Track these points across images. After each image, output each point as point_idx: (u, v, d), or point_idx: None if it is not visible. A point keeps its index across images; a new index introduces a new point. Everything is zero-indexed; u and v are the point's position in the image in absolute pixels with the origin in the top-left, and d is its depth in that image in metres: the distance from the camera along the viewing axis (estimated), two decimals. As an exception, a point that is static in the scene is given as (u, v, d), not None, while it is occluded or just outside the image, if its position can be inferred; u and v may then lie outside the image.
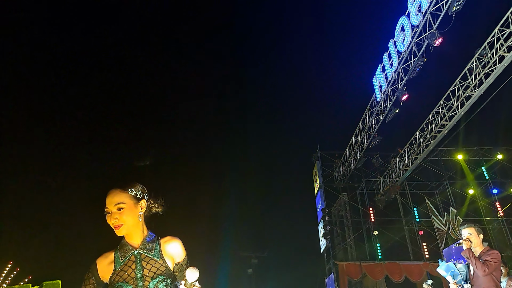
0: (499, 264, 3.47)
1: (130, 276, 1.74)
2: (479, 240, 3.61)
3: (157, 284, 1.73)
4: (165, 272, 1.78)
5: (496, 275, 3.45)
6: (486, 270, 3.40)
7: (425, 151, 11.47)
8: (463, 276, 3.62)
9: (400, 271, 12.69)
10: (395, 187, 13.26)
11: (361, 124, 12.56)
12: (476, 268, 3.43)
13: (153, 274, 1.75)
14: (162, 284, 1.75)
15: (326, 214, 14.07)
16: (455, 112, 9.94)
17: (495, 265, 3.43)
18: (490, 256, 3.48)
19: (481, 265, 3.40)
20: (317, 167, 15.51)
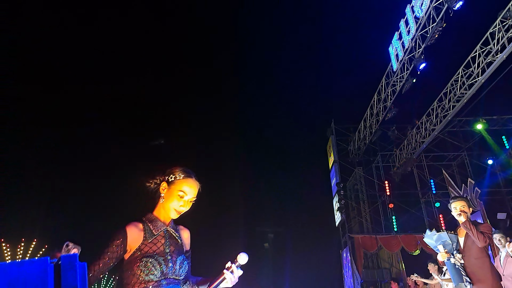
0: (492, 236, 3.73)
1: (159, 249, 1.79)
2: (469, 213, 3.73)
3: (182, 261, 1.83)
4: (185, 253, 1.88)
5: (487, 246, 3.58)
6: (487, 241, 3.49)
7: (443, 121, 11.20)
8: (454, 246, 3.71)
9: (416, 243, 12.70)
10: (412, 159, 13.09)
11: (376, 96, 12.31)
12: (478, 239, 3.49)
13: (178, 252, 1.84)
14: (185, 262, 1.85)
15: (340, 189, 14.06)
16: (475, 80, 9.61)
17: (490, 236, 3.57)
18: (485, 228, 3.58)
19: (482, 237, 3.48)
20: (331, 141, 15.39)
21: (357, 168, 15.50)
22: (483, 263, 3.51)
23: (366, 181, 15.39)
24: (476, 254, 3.56)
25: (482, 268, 3.50)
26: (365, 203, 15.28)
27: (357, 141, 14.71)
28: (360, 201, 15.44)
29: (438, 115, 11.34)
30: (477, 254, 3.55)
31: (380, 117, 12.44)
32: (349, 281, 13.41)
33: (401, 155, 13.78)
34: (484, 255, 3.53)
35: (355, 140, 14.87)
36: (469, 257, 3.58)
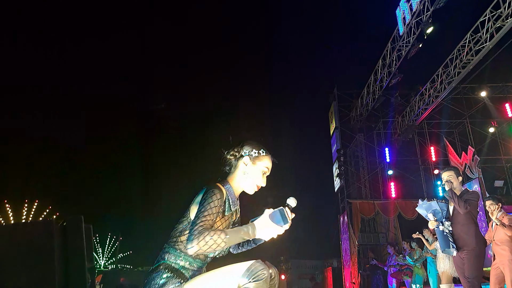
0: (477, 203, 3.77)
1: (227, 227, 1.74)
2: (458, 182, 3.90)
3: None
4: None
5: (474, 213, 3.74)
6: (468, 208, 3.66)
7: (447, 88, 11.07)
8: (443, 214, 3.87)
9: (413, 208, 12.95)
10: (413, 126, 13.06)
11: (381, 61, 12.06)
12: (459, 207, 3.69)
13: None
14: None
15: (341, 155, 14.15)
16: (483, 46, 9.37)
17: (475, 203, 3.72)
18: (470, 195, 3.76)
19: (463, 204, 3.66)
20: (333, 107, 15.29)
21: (358, 135, 15.51)
22: (468, 230, 3.66)
23: (366, 147, 15.45)
24: (462, 221, 3.72)
25: (467, 234, 3.65)
26: (365, 169, 15.44)
27: (359, 108, 14.60)
28: (359, 168, 15.59)
29: (442, 81, 11.17)
30: (463, 221, 3.71)
31: (384, 83, 12.27)
32: (346, 245, 13.85)
33: (403, 122, 13.74)
34: (469, 221, 3.68)
35: (357, 106, 14.76)
36: (456, 224, 3.76)
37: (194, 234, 1.48)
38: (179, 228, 1.67)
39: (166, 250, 1.65)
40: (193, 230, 1.50)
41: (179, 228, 1.66)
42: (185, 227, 1.65)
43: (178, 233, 1.65)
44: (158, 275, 1.58)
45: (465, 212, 3.70)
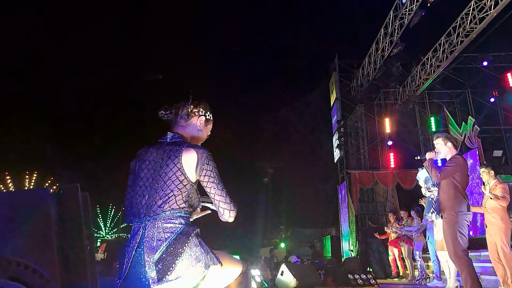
0: (458, 168, 3.69)
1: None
2: (447, 148, 3.86)
3: None
4: None
5: (458, 178, 3.68)
6: (439, 176, 3.67)
7: (449, 57, 10.91)
8: (433, 181, 4.04)
9: (412, 178, 13.10)
10: (414, 96, 12.99)
11: (383, 30, 11.81)
12: (432, 175, 3.75)
13: None
14: None
15: (341, 126, 14.16)
16: (487, 13, 9.15)
17: (451, 169, 3.68)
18: (449, 162, 3.76)
19: (435, 172, 3.68)
20: (334, 78, 15.14)
21: (358, 106, 15.45)
22: (449, 196, 3.69)
23: (366, 118, 15.43)
24: (443, 187, 3.77)
25: (447, 200, 3.70)
26: (364, 140, 15.49)
27: (360, 78, 14.45)
28: (359, 138, 15.64)
29: (445, 51, 11.00)
30: (444, 187, 3.76)
31: (386, 53, 12.08)
32: (344, 214, 14.15)
33: (404, 92, 13.65)
34: (451, 187, 3.69)
35: (358, 77, 14.60)
36: (440, 190, 3.83)
37: (233, 205, 1.73)
38: (181, 195, 1.69)
39: (178, 214, 1.66)
40: (230, 202, 1.73)
41: (179, 190, 1.68)
42: (187, 190, 1.70)
43: (183, 196, 1.69)
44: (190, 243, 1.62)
45: (439, 180, 3.74)
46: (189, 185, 1.71)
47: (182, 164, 1.69)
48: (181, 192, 1.68)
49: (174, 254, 1.56)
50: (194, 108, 1.88)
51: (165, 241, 1.58)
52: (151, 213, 1.64)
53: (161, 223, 1.62)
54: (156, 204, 1.64)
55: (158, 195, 1.66)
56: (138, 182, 1.71)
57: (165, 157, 1.71)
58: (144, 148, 1.82)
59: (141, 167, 1.74)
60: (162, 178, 1.67)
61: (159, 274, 1.53)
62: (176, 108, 1.89)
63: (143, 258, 1.56)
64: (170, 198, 1.66)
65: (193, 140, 1.90)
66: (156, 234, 1.60)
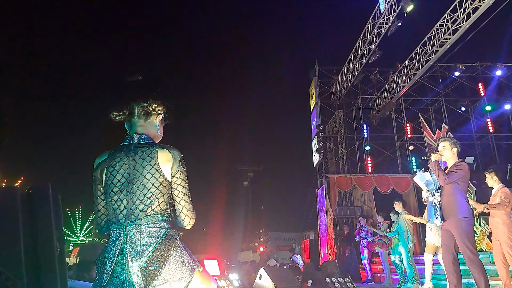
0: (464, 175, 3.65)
1: None
2: (452, 152, 3.79)
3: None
4: None
5: (461, 185, 3.65)
6: (446, 180, 3.62)
7: (424, 66, 11.28)
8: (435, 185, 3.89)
9: (388, 183, 13.42)
10: (391, 103, 13.32)
11: (362, 38, 12.10)
12: (439, 178, 3.68)
13: None
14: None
15: (320, 131, 14.35)
16: (460, 25, 9.53)
17: (457, 175, 3.63)
18: (455, 167, 3.69)
19: (442, 175, 3.63)
20: (314, 83, 15.35)
21: (337, 111, 15.71)
22: (454, 201, 3.63)
23: (345, 123, 15.71)
24: (447, 192, 3.70)
25: (452, 205, 3.64)
26: (343, 145, 15.75)
27: (339, 84, 14.72)
28: (338, 143, 15.89)
29: (420, 59, 11.36)
30: (448, 192, 3.69)
31: (364, 60, 12.37)
32: (322, 217, 14.30)
33: (381, 99, 13.98)
34: (455, 192, 3.64)
35: (337, 83, 14.87)
36: (443, 195, 3.74)
37: (194, 213, 1.73)
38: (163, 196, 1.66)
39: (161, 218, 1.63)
40: (193, 211, 1.72)
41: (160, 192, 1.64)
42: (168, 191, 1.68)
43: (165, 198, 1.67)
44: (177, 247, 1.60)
45: (445, 184, 3.66)
46: (168, 185, 1.67)
47: (159, 165, 1.65)
48: (163, 193, 1.65)
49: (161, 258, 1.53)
50: (154, 107, 1.82)
51: (151, 246, 1.54)
52: (132, 218, 1.58)
53: (144, 228, 1.58)
54: (138, 209, 1.59)
55: (139, 199, 1.61)
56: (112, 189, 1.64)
57: (139, 160, 1.65)
58: (102, 156, 1.74)
59: (111, 174, 1.66)
60: (140, 181, 1.62)
61: (146, 280, 1.49)
62: (132, 107, 1.80)
63: (126, 264, 1.52)
64: (153, 201, 1.62)
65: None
66: (140, 239, 1.56)
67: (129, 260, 1.52)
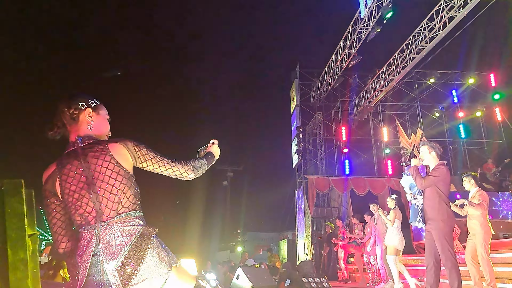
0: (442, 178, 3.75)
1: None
2: (431, 156, 3.91)
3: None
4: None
5: (441, 187, 3.76)
6: (423, 184, 3.73)
7: (402, 72, 11.58)
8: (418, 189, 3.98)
9: (365, 185, 13.71)
10: (369, 107, 13.61)
11: (342, 42, 12.32)
12: (416, 182, 3.79)
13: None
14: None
15: (300, 132, 14.51)
16: (436, 34, 9.85)
17: (434, 178, 3.73)
18: (433, 171, 3.80)
19: (419, 179, 3.74)
20: (295, 85, 15.50)
21: (317, 113, 15.92)
22: (433, 204, 3.73)
23: (324, 126, 15.94)
24: (428, 195, 3.79)
25: (432, 208, 3.73)
26: (322, 146, 15.98)
27: (320, 87, 14.93)
28: (317, 145, 16.12)
29: (398, 65, 11.66)
30: (429, 195, 3.78)
31: (344, 64, 12.59)
32: (300, 218, 14.45)
33: (360, 103, 14.26)
34: (435, 195, 3.72)
35: (317, 85, 15.07)
36: (424, 198, 3.85)
37: (184, 163, 1.75)
38: (130, 190, 1.62)
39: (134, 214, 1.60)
40: (184, 164, 1.74)
41: (125, 186, 1.60)
42: (132, 184, 1.64)
43: (132, 191, 1.63)
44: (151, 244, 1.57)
45: (423, 188, 3.77)
46: (131, 177, 1.64)
47: (116, 159, 1.60)
48: (128, 187, 1.61)
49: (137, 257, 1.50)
50: (72, 106, 1.71)
51: (126, 245, 1.51)
52: (103, 218, 1.55)
53: (118, 227, 1.55)
54: (108, 208, 1.56)
55: (105, 197, 1.56)
56: (72, 196, 1.57)
57: (93, 160, 1.59)
58: (50, 168, 1.66)
59: (66, 182, 1.59)
60: (101, 179, 1.57)
61: (123, 280, 1.47)
62: (58, 119, 1.71)
63: (102, 265, 1.49)
64: (121, 196, 1.58)
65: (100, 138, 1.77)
66: (114, 238, 1.52)
67: (104, 261, 1.49)
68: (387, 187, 13.42)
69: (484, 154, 13.86)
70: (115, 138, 1.70)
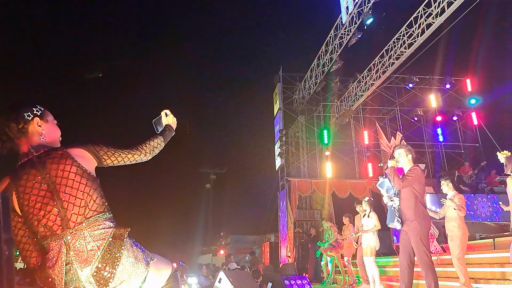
0: (417, 178, 3.84)
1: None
2: (407, 159, 3.99)
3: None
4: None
5: (417, 188, 3.83)
6: (401, 184, 3.80)
7: (382, 77, 11.82)
8: (394, 191, 4.05)
9: (346, 187, 13.91)
10: (350, 111, 13.83)
11: (324, 47, 12.50)
12: (394, 183, 3.85)
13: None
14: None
15: (283, 135, 14.61)
16: (415, 40, 10.11)
17: (412, 179, 3.81)
18: (409, 172, 3.87)
19: (397, 180, 3.80)
20: (278, 88, 15.62)
21: (299, 116, 16.08)
22: (410, 205, 3.79)
23: (307, 129, 16.11)
24: (404, 196, 3.86)
25: (409, 208, 3.79)
26: (304, 149, 16.13)
27: (302, 90, 15.09)
28: (299, 148, 16.25)
29: (378, 70, 11.90)
30: (406, 196, 3.85)
31: (326, 68, 12.77)
32: (283, 220, 14.52)
33: (341, 106, 14.48)
34: (411, 196, 3.80)
35: (300, 89, 15.23)
36: (401, 199, 3.91)
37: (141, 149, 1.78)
38: (96, 192, 1.58)
39: (104, 217, 1.56)
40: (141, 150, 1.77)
41: (90, 188, 1.56)
42: (97, 185, 1.60)
43: (98, 193, 1.59)
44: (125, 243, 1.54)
45: (401, 188, 3.84)
46: (95, 179, 1.59)
47: (79, 163, 1.56)
48: (95, 189, 1.57)
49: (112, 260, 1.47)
50: (19, 119, 1.61)
51: (99, 250, 1.48)
52: (70, 225, 1.48)
53: (87, 232, 1.50)
54: (74, 214, 1.50)
55: (73, 204, 1.50)
56: (34, 207, 1.50)
57: (53, 166, 1.53)
58: (2, 184, 1.56)
59: (25, 194, 1.51)
60: (66, 184, 1.51)
61: (100, 285, 1.44)
62: (2, 134, 1.61)
63: (76, 273, 1.45)
64: (88, 201, 1.53)
65: (56, 145, 1.71)
66: (85, 245, 1.48)
67: (78, 268, 1.45)
68: (368, 189, 13.65)
69: (461, 157, 14.30)
70: (72, 143, 1.65)
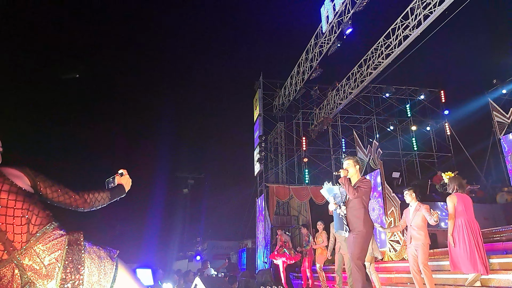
0: (368, 190, 4.00)
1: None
2: (355, 169, 4.13)
3: None
4: None
5: (365, 199, 3.97)
6: (356, 194, 3.91)
7: (360, 86, 12.08)
8: (342, 199, 4.14)
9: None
10: (328, 119, 14.04)
11: (304, 55, 12.67)
12: (348, 192, 3.96)
13: None
14: None
15: (262, 141, 14.65)
16: (392, 51, 10.40)
17: (364, 190, 3.95)
18: (362, 183, 4.00)
19: (352, 190, 3.92)
20: (258, 95, 15.68)
21: (279, 123, 16.18)
22: (359, 214, 3.90)
23: (286, 135, 16.22)
24: (353, 205, 3.95)
25: (357, 217, 3.89)
26: (283, 156, 16.22)
27: (282, 97, 15.21)
28: (278, 154, 16.34)
29: (356, 79, 12.16)
30: (354, 205, 3.94)
31: (306, 76, 12.93)
32: (261, 226, 14.50)
33: (320, 114, 14.68)
34: (360, 206, 3.91)
35: (280, 96, 15.35)
36: (349, 208, 4.00)
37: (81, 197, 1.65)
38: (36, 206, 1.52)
39: (51, 227, 1.51)
40: (81, 197, 1.65)
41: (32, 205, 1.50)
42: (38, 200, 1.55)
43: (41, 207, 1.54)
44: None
45: (355, 198, 3.93)
46: (33, 195, 1.52)
47: (12, 181, 1.48)
48: (35, 204, 1.50)
49: (76, 266, 1.42)
50: None
51: (58, 261, 1.42)
52: (17, 246, 1.41)
53: (39, 248, 1.43)
54: (17, 234, 1.42)
55: (12, 224, 1.42)
56: None
57: None
58: None
59: None
60: (5, 206, 1.43)
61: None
62: None
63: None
64: (30, 217, 1.46)
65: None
66: (40, 261, 1.41)
67: (41, 286, 1.39)
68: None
69: (434, 167, 14.75)
70: (7, 166, 1.56)
